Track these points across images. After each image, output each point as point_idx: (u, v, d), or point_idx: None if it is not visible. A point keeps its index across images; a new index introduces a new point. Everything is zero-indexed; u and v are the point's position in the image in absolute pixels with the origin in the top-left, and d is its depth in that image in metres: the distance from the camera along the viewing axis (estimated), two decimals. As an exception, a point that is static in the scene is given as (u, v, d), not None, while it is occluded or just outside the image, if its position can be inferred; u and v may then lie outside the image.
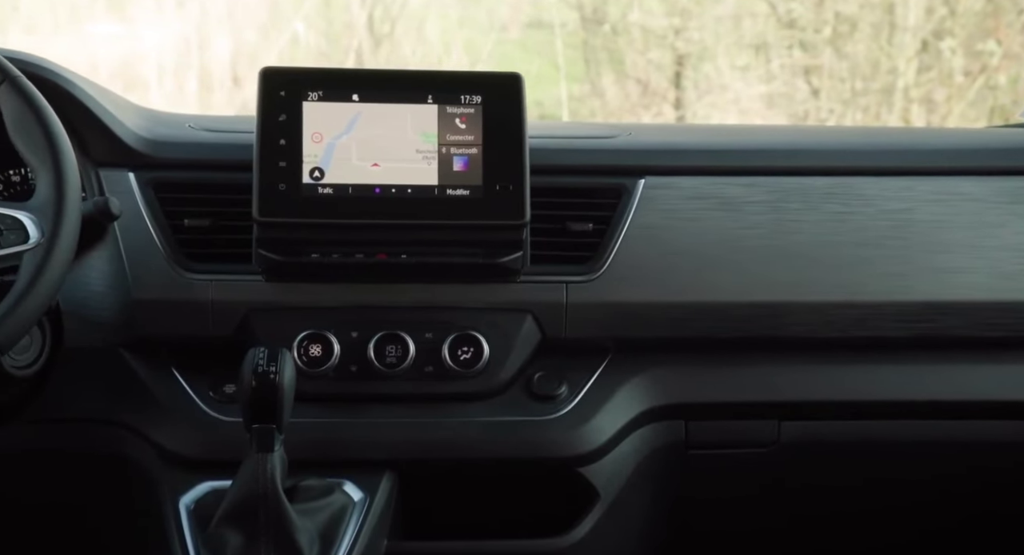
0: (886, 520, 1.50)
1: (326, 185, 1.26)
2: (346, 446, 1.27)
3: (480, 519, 1.35)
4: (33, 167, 1.07)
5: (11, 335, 1.01)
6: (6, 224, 1.04)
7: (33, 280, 1.02)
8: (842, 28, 4.94)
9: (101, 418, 1.29)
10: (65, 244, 1.05)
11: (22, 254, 1.03)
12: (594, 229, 1.31)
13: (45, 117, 1.08)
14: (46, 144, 1.06)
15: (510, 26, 6.30)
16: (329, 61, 6.04)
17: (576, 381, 1.32)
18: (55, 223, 1.04)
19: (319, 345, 1.28)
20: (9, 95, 1.07)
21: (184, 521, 1.20)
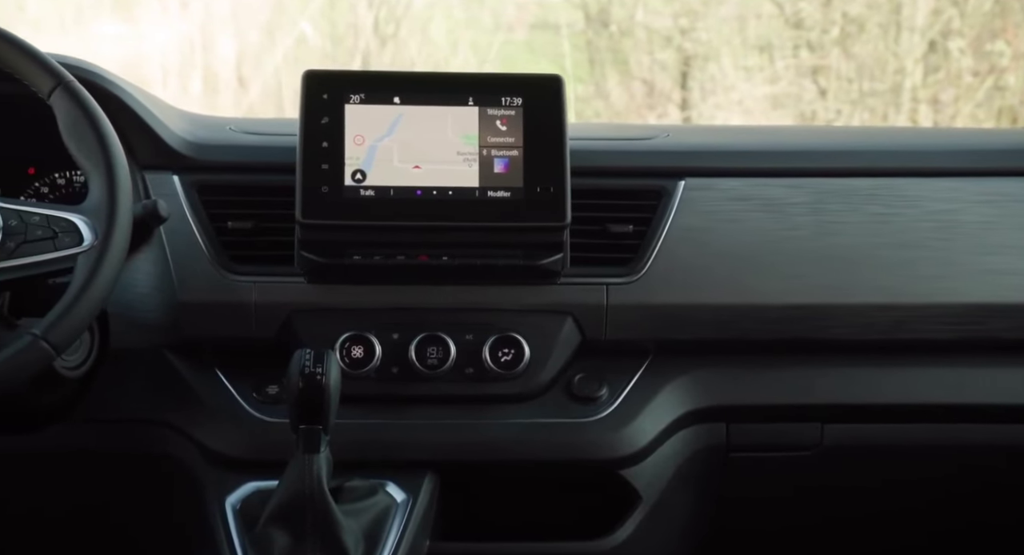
0: (927, 521, 1.50)
1: (368, 187, 1.27)
2: (388, 447, 1.28)
3: (519, 521, 1.36)
4: (86, 171, 1.09)
5: (67, 336, 1.02)
6: (61, 227, 1.05)
7: (87, 281, 1.03)
8: (850, 28, 4.95)
9: (146, 418, 1.30)
10: (118, 246, 1.06)
11: (76, 256, 1.04)
12: (634, 231, 1.31)
13: (98, 122, 1.09)
14: (99, 148, 1.07)
15: (515, 27, 6.30)
16: (334, 62, 6.05)
17: (616, 383, 1.32)
18: (108, 226, 1.05)
19: (361, 347, 1.29)
20: (63, 100, 1.08)
21: (231, 521, 1.21)
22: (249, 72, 6.11)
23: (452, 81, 1.30)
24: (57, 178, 1.40)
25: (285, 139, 1.35)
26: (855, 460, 1.39)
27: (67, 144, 1.09)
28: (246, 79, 6.07)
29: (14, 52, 1.09)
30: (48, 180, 1.40)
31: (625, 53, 6.10)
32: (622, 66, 6.17)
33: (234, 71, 6.08)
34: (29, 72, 1.09)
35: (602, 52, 6.19)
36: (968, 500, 1.49)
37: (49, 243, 1.04)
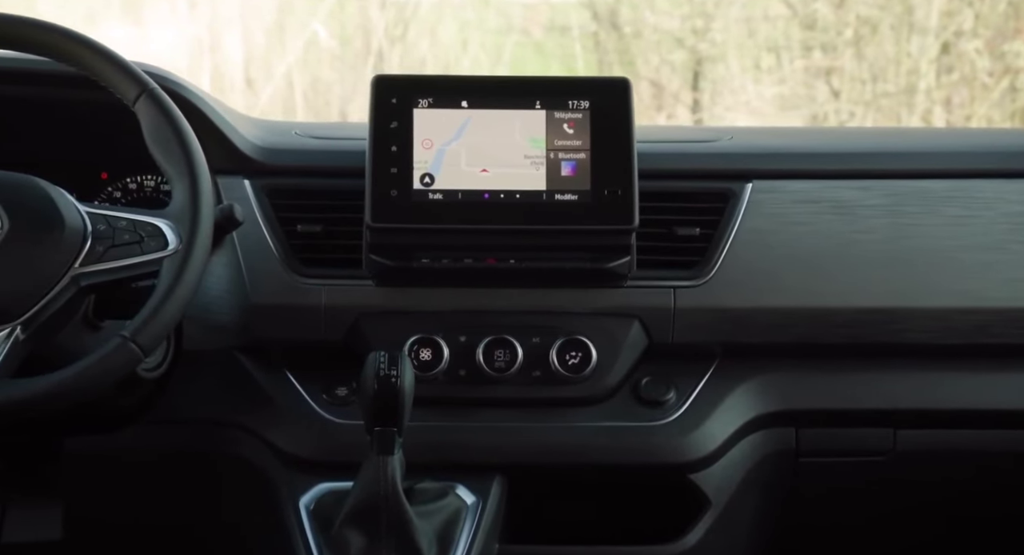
0: (1002, 530, 1.49)
1: (436, 191, 1.28)
2: (456, 449, 1.29)
3: (586, 524, 1.36)
4: (169, 176, 1.10)
5: (154, 338, 1.03)
6: (146, 231, 1.06)
7: (173, 285, 1.04)
8: (863, 30, 4.96)
9: (219, 419, 1.32)
10: (201, 250, 1.07)
11: (162, 260, 1.06)
12: (701, 233, 1.31)
13: (181, 128, 1.10)
14: (182, 154, 1.09)
15: (523, 29, 6.31)
16: (342, 64, 6.05)
17: (684, 387, 1.31)
18: (192, 230, 1.07)
19: (429, 349, 1.30)
20: (148, 107, 1.10)
21: (305, 522, 1.23)
22: (256, 73, 6.12)
23: (519, 85, 1.31)
24: (129, 183, 1.42)
25: (352, 143, 1.36)
26: (929, 466, 1.38)
27: (151, 150, 1.11)
28: (253, 80, 6.08)
29: (101, 60, 1.10)
30: (120, 185, 1.42)
31: (632, 54, 6.11)
32: (628, 68, 6.18)
33: (242, 73, 6.09)
34: (115, 79, 1.11)
35: (610, 53, 6.20)
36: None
37: (136, 247, 1.06)
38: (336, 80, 6.02)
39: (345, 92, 5.92)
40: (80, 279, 1.03)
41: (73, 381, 1.00)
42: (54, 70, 1.20)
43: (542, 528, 1.34)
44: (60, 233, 1.04)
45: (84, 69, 1.11)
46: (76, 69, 1.11)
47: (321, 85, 6.05)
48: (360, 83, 5.88)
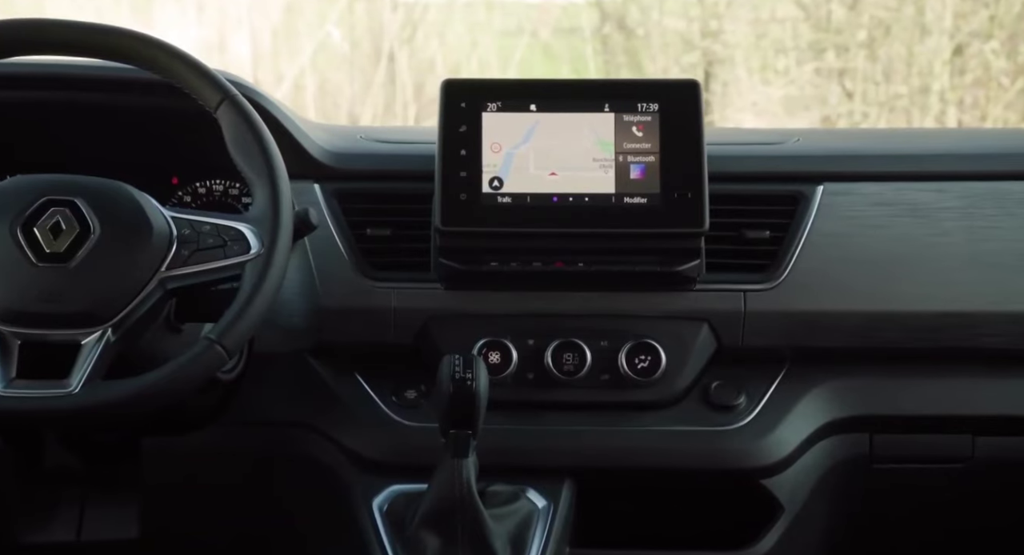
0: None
1: (505, 194, 1.28)
2: (526, 453, 1.29)
3: (655, 529, 1.36)
4: (250, 181, 1.11)
5: (238, 340, 1.04)
6: (229, 235, 1.07)
7: (256, 288, 1.05)
8: (876, 31, 4.96)
9: (290, 421, 1.32)
10: (282, 254, 1.08)
11: (245, 264, 1.06)
12: (771, 236, 1.30)
13: (262, 135, 1.11)
14: (263, 160, 1.10)
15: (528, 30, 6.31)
16: (351, 66, 6.05)
17: (754, 391, 1.31)
18: (273, 234, 1.07)
19: (498, 352, 1.30)
20: (229, 113, 1.10)
21: (379, 524, 1.24)
22: (264, 76, 6.11)
23: (588, 88, 1.31)
24: (198, 187, 1.43)
25: (419, 147, 1.37)
26: (1009, 474, 1.36)
27: (232, 155, 1.11)
28: (261, 82, 6.06)
29: (184, 67, 1.11)
30: (190, 189, 1.42)
31: (638, 55, 6.12)
32: (636, 70, 6.19)
33: (250, 74, 6.07)
34: (197, 86, 1.11)
35: (618, 54, 6.20)
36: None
37: (219, 251, 1.06)
38: (345, 81, 6.02)
39: (355, 93, 5.92)
40: (167, 282, 1.04)
41: (164, 383, 1.01)
42: (132, 76, 1.22)
43: (611, 532, 1.34)
44: (148, 237, 1.05)
45: (167, 75, 1.11)
46: (159, 76, 1.12)
47: (330, 86, 6.05)
48: (369, 85, 5.88)
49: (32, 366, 1.00)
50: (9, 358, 0.98)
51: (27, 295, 0.99)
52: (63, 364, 1.00)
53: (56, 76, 1.31)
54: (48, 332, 1.00)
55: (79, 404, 0.97)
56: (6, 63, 1.13)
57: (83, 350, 0.99)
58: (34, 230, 1.02)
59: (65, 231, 1.02)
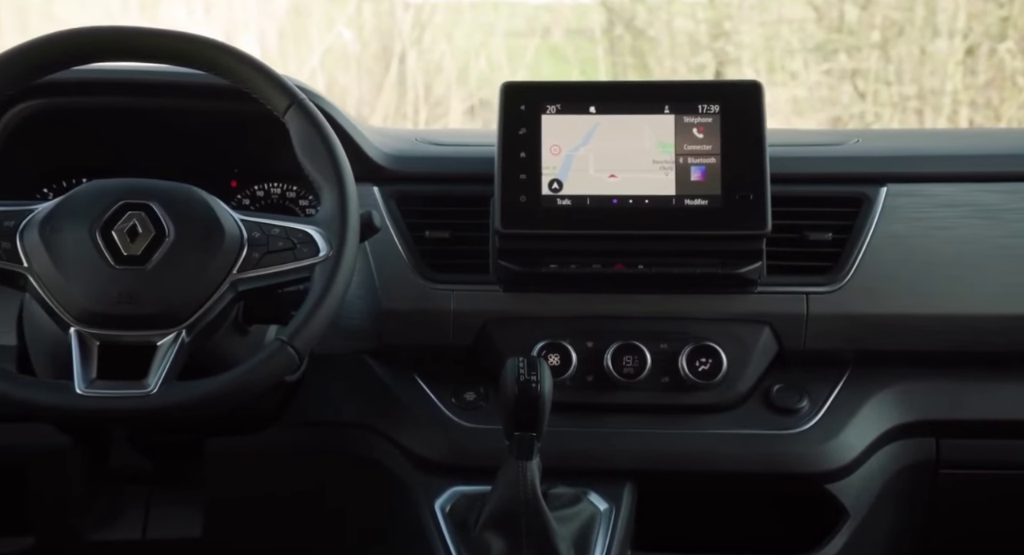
0: None
1: (565, 196, 1.28)
2: (587, 455, 1.29)
3: (715, 533, 1.35)
4: (318, 184, 1.11)
5: (309, 342, 1.05)
6: (298, 238, 1.07)
7: (325, 290, 1.05)
8: (889, 32, 4.96)
9: (351, 422, 1.33)
10: (350, 256, 1.08)
11: (314, 266, 1.07)
12: (834, 238, 1.29)
13: (329, 139, 1.11)
14: (331, 164, 1.10)
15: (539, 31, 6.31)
16: (359, 67, 6.04)
17: (817, 394, 1.30)
18: (341, 237, 1.08)
19: (557, 355, 1.30)
20: (297, 118, 1.10)
21: (443, 525, 1.24)
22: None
23: (647, 89, 1.30)
24: (256, 190, 1.43)
25: (476, 150, 1.37)
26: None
27: (300, 158, 1.12)
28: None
29: (253, 72, 1.11)
30: (248, 192, 1.43)
31: (647, 57, 6.11)
32: (643, 72, 6.19)
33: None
34: (266, 91, 1.12)
35: (625, 56, 6.19)
36: None
37: (289, 254, 1.07)
38: (353, 83, 6.02)
39: (363, 95, 5.91)
40: (238, 284, 1.05)
41: (238, 384, 1.02)
42: (197, 81, 1.23)
43: (672, 536, 1.33)
44: (220, 240, 1.05)
45: (237, 81, 1.12)
46: (229, 80, 1.12)
47: (337, 88, 6.04)
48: (377, 86, 5.87)
49: (108, 366, 1.01)
50: (89, 359, 0.99)
51: (107, 297, 1.01)
52: (139, 365, 1.01)
53: (125, 82, 1.32)
54: (125, 333, 1.01)
55: (158, 404, 0.98)
56: (71, 70, 1.14)
57: (159, 351, 1.01)
58: (112, 233, 1.03)
59: (141, 234, 1.04)
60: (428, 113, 5.83)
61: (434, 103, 6.01)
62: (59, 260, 1.01)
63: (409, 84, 5.85)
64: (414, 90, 5.89)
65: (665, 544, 1.32)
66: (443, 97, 6.01)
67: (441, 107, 5.97)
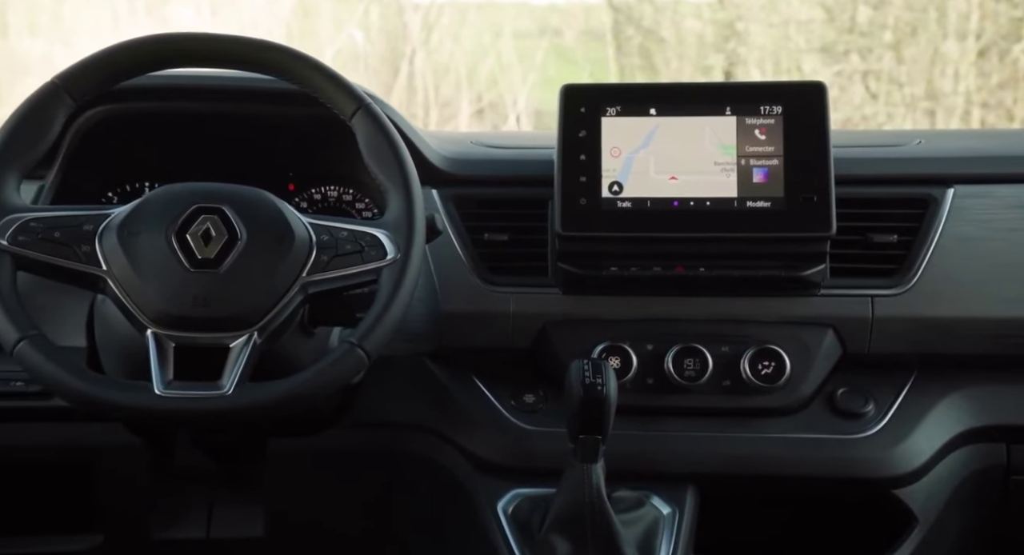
0: None
1: (625, 199, 1.27)
2: (649, 459, 1.28)
3: (779, 538, 1.34)
4: (385, 187, 1.11)
5: (378, 344, 1.05)
6: (366, 241, 1.07)
7: (394, 293, 1.06)
8: (901, 33, 4.96)
9: (411, 424, 1.32)
10: (417, 259, 1.08)
11: (382, 269, 1.07)
12: (899, 240, 1.28)
13: (395, 142, 1.11)
14: (397, 167, 1.10)
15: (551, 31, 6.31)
16: (367, 68, 6.03)
17: (882, 398, 1.28)
18: (408, 240, 1.08)
19: (617, 357, 1.28)
20: (364, 122, 1.10)
21: (506, 527, 1.23)
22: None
23: (709, 91, 1.29)
24: (314, 193, 1.43)
25: (533, 152, 1.37)
26: None
27: (367, 161, 1.12)
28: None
29: (322, 77, 1.11)
30: (306, 195, 1.43)
31: (654, 58, 6.11)
32: (651, 72, 6.18)
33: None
34: (334, 95, 1.12)
35: (632, 57, 6.19)
36: None
37: (357, 257, 1.07)
38: (362, 84, 6.01)
39: (372, 96, 5.90)
40: (308, 287, 1.05)
41: (310, 385, 1.02)
42: (261, 86, 1.25)
43: (735, 540, 1.32)
44: (290, 243, 1.05)
45: (305, 85, 1.12)
46: (297, 85, 1.12)
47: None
48: (387, 88, 5.87)
49: (183, 368, 1.01)
50: (166, 361, 1.00)
51: (182, 300, 1.01)
52: (212, 366, 1.01)
53: (190, 87, 1.33)
54: (199, 335, 1.01)
55: (233, 405, 0.99)
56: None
57: (232, 352, 1.01)
58: (187, 237, 1.03)
59: (215, 238, 1.04)
60: (438, 114, 5.82)
61: (442, 104, 6.01)
62: (136, 263, 1.01)
63: (419, 85, 5.84)
64: (423, 92, 5.88)
65: (728, 549, 1.31)
66: (451, 98, 6.01)
67: (449, 108, 5.97)
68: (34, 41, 5.49)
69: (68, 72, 1.08)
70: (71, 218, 1.03)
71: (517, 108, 5.83)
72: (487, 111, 6.07)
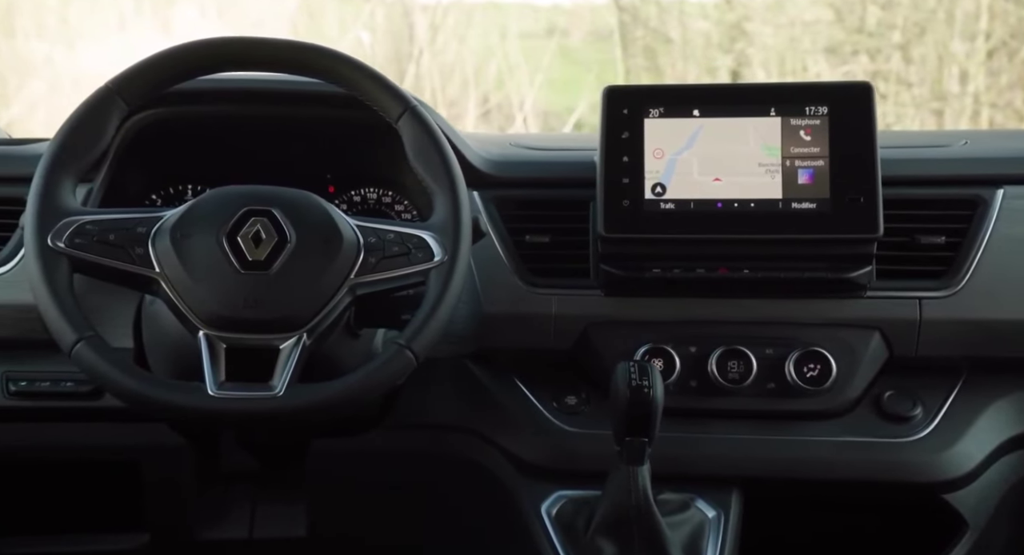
0: None
1: (668, 200, 1.26)
2: (693, 462, 1.27)
3: (823, 542, 1.33)
4: (431, 189, 1.11)
5: (426, 345, 1.05)
6: (413, 243, 1.07)
7: (441, 294, 1.06)
8: (910, 33, 4.96)
9: (453, 425, 1.32)
10: (464, 261, 1.08)
11: (429, 271, 1.07)
12: (947, 242, 1.26)
13: (442, 145, 1.11)
14: (443, 170, 1.10)
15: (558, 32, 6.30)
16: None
17: (931, 402, 1.27)
18: (455, 242, 1.08)
19: (660, 359, 1.28)
20: (410, 124, 1.11)
21: (550, 529, 1.23)
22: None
23: (753, 92, 1.28)
24: (353, 196, 1.43)
25: (574, 154, 1.36)
26: None
27: (412, 163, 1.12)
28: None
29: (369, 80, 1.12)
30: (345, 197, 1.42)
31: (658, 58, 6.10)
32: (657, 73, 6.17)
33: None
34: (380, 98, 1.12)
35: (637, 58, 6.18)
36: None
37: (404, 259, 1.07)
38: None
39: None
40: (356, 289, 1.06)
41: (360, 386, 1.02)
42: (305, 89, 1.25)
43: (780, 544, 1.31)
44: (339, 245, 1.05)
45: (352, 88, 1.12)
46: (343, 88, 1.13)
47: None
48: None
49: (234, 369, 1.02)
50: (218, 362, 1.00)
51: (234, 302, 1.01)
52: (262, 367, 1.01)
53: (235, 91, 1.33)
54: (250, 337, 1.02)
55: (285, 406, 0.99)
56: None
57: (281, 354, 1.01)
58: (238, 239, 1.04)
59: (265, 240, 1.04)
60: (446, 113, 5.81)
61: (448, 105, 6.00)
62: (189, 265, 1.02)
63: (425, 87, 5.84)
64: (430, 93, 5.88)
65: (773, 552, 1.30)
66: (458, 100, 6.00)
67: (455, 109, 5.96)
68: (39, 43, 5.49)
69: (122, 76, 1.09)
70: (125, 221, 1.04)
71: (524, 110, 5.83)
72: (494, 113, 6.05)
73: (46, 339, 1.01)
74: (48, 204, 1.03)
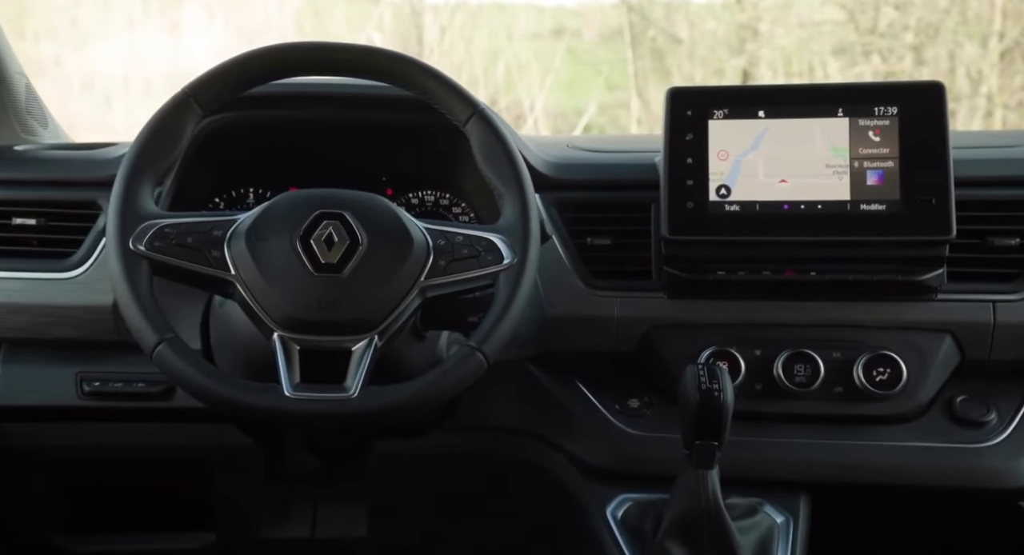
0: None
1: (733, 202, 1.23)
2: (760, 466, 1.25)
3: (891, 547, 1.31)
4: (499, 192, 1.11)
5: (497, 347, 1.04)
6: (482, 245, 1.07)
7: (511, 297, 1.05)
8: (923, 34, 4.94)
9: (515, 427, 1.31)
10: (533, 263, 1.08)
11: (498, 273, 1.06)
12: (1020, 244, 1.24)
13: (509, 148, 1.11)
14: (512, 172, 1.10)
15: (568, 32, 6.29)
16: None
17: (1005, 407, 1.25)
18: (524, 244, 1.08)
19: (725, 362, 1.26)
20: (478, 127, 1.11)
21: (617, 533, 1.22)
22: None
23: (820, 92, 1.25)
24: (411, 198, 1.42)
25: (634, 156, 1.34)
26: None
27: (480, 166, 1.11)
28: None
29: (438, 85, 1.11)
30: (403, 200, 1.42)
31: (665, 60, 6.09)
32: (663, 74, 6.16)
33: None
34: (449, 102, 1.11)
35: (644, 59, 6.18)
36: None
37: (474, 261, 1.07)
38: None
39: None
40: (426, 291, 1.06)
41: (432, 388, 1.02)
42: (370, 93, 1.26)
43: (850, 549, 1.29)
44: (409, 248, 1.05)
45: (420, 92, 1.12)
46: (412, 92, 1.12)
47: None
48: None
49: (307, 371, 1.01)
50: (292, 364, 1.01)
51: (307, 304, 1.01)
52: (335, 369, 1.01)
53: (299, 95, 1.32)
54: (323, 339, 1.02)
55: (360, 407, 0.99)
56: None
57: (354, 356, 1.02)
58: (311, 242, 1.03)
59: (337, 242, 1.04)
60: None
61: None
62: (264, 268, 1.02)
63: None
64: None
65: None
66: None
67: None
68: (48, 44, 5.47)
69: (197, 82, 1.08)
70: (201, 224, 1.04)
71: (535, 112, 5.82)
72: (503, 115, 6.04)
73: (117, 340, 1.03)
74: (129, 208, 1.03)
